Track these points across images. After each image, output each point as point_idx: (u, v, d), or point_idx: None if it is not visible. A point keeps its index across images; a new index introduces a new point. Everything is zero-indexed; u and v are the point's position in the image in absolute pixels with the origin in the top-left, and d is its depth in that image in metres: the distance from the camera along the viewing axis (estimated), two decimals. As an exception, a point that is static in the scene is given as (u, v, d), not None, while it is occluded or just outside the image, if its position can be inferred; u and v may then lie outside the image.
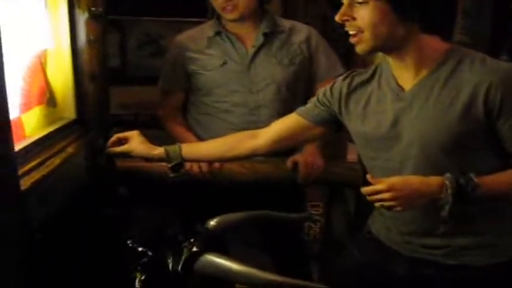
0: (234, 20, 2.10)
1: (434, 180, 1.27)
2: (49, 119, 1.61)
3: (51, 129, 1.55)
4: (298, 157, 2.08)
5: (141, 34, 3.49)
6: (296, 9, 3.52)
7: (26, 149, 1.35)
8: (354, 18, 1.31)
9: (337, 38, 2.82)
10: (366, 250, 1.60)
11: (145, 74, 3.31)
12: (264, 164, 2.05)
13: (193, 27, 2.29)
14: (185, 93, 2.24)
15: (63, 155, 1.46)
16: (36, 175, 1.29)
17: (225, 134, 2.02)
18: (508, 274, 1.41)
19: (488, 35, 3.47)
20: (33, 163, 1.32)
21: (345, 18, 1.33)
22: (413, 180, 1.28)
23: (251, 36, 2.14)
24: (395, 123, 1.40)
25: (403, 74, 1.39)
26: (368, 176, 1.33)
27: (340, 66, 2.25)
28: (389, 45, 1.34)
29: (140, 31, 3.48)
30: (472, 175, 1.26)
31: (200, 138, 2.11)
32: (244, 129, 2.04)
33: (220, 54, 2.13)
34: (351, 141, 2.79)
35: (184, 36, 2.22)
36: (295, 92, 2.19)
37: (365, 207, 2.03)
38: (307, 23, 2.38)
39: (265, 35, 2.13)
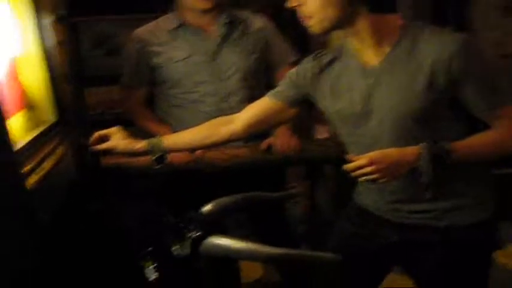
0: (205, 10, 2.12)
1: (410, 150, 1.35)
2: (31, 123, 1.59)
3: (36, 133, 1.54)
4: (272, 139, 2.14)
5: (94, 34, 3.44)
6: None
7: (18, 154, 1.34)
8: (303, 4, 1.37)
9: (291, 24, 2.88)
10: (356, 221, 1.66)
11: (103, 73, 3.28)
12: (243, 149, 2.09)
13: (143, 23, 2.28)
14: (149, 87, 2.26)
15: (54, 156, 1.46)
16: (31, 179, 1.29)
17: (199, 123, 2.05)
18: (489, 230, 1.52)
19: (430, 7, 3.62)
20: (27, 167, 1.31)
21: (295, 3, 1.38)
22: (392, 152, 1.35)
23: (213, 27, 2.18)
24: (366, 99, 1.45)
25: (366, 51, 1.44)
26: (348, 155, 1.40)
27: (293, 53, 2.33)
28: (341, 26, 1.40)
29: (93, 31, 3.43)
30: (444, 142, 1.34)
31: (175, 131, 2.13)
32: (216, 117, 2.08)
33: (184, 46, 2.16)
34: (318, 122, 2.88)
35: (144, 31, 2.22)
36: (259, 78, 2.26)
37: (346, 181, 2.11)
38: (258, 11, 2.44)
39: (225, 25, 2.17)
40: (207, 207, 1.50)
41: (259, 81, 2.25)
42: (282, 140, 2.12)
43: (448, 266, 1.50)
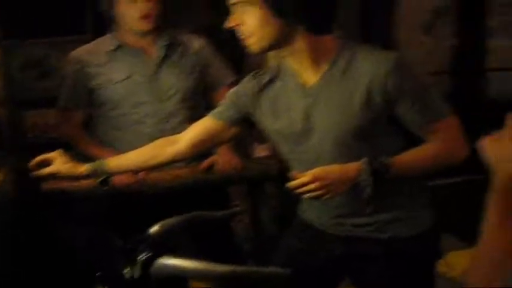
0: (145, 32, 2.13)
1: (352, 166, 1.40)
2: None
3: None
4: (213, 158, 2.17)
5: (23, 57, 3.35)
6: (175, 19, 3.56)
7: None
8: (241, 24, 1.40)
9: (227, 44, 2.93)
10: (301, 237, 1.69)
11: (33, 97, 3.19)
12: (185, 169, 2.10)
13: (75, 45, 2.27)
14: (86, 110, 2.23)
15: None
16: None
17: (141, 144, 2.05)
18: (430, 241, 1.59)
19: (356, 27, 3.77)
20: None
21: (233, 24, 1.42)
22: (334, 169, 1.40)
23: (152, 49, 2.19)
24: (306, 118, 1.48)
25: (304, 71, 1.48)
26: (292, 172, 1.43)
27: (232, 74, 2.37)
28: (278, 45, 1.43)
29: (22, 53, 3.34)
30: (383, 158, 1.40)
31: (117, 153, 2.11)
32: (158, 138, 2.09)
33: (123, 68, 2.15)
34: (257, 140, 2.92)
35: (82, 52, 2.20)
36: (198, 99, 2.28)
37: (288, 198, 2.16)
38: (195, 32, 2.48)
39: (165, 47, 2.19)
40: (154, 229, 1.50)
41: (198, 102, 2.27)
42: (223, 159, 2.15)
43: (391, 278, 1.55)
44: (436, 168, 1.49)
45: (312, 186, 1.36)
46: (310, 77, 1.48)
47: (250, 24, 1.39)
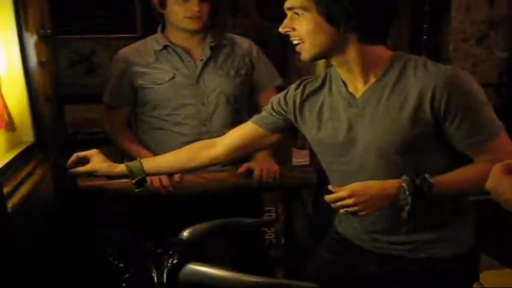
0: (193, 31, 2.13)
1: (392, 183, 1.35)
2: (9, 144, 1.57)
3: (14, 154, 1.51)
4: (251, 164, 2.14)
5: (71, 53, 3.43)
6: (224, 22, 3.59)
7: (-2, 176, 1.32)
8: (294, 29, 1.38)
9: (272, 48, 2.93)
10: (334, 250, 1.66)
11: (78, 92, 3.27)
12: (222, 173, 2.09)
13: (124, 42, 2.30)
14: (131, 108, 2.25)
15: (33, 179, 1.44)
16: (10, 202, 1.26)
17: (178, 146, 2.05)
18: (469, 262, 1.53)
19: (407, 37, 3.71)
20: (6, 189, 1.29)
21: (286, 29, 1.40)
22: (373, 185, 1.35)
23: (197, 49, 2.18)
24: (350, 129, 1.45)
25: (352, 81, 1.45)
26: (330, 186, 1.40)
27: (279, 77, 2.35)
28: (330, 53, 1.40)
29: (70, 50, 3.42)
30: (426, 175, 1.34)
31: (154, 153, 2.13)
32: (196, 140, 2.09)
33: (168, 68, 2.15)
34: (296, 147, 2.90)
35: (130, 51, 2.21)
36: (243, 102, 2.26)
37: (323, 208, 2.13)
38: (240, 34, 2.47)
39: (211, 48, 2.18)
40: (186, 233, 1.49)
41: (242, 105, 2.26)
42: (261, 166, 2.13)
43: None
44: (482, 190, 1.42)
45: (350, 201, 1.32)
46: (359, 87, 1.44)
47: (303, 30, 1.37)
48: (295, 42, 1.41)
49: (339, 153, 1.49)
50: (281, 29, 1.41)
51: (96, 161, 1.69)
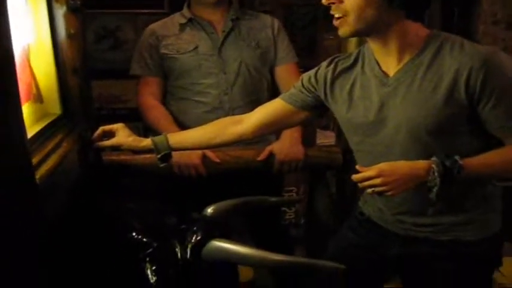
0: (212, 4, 2.19)
1: (421, 164, 1.32)
2: (37, 115, 1.57)
3: (41, 125, 1.52)
4: (275, 148, 2.13)
5: (97, 27, 3.42)
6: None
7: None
8: (341, 1, 1.32)
9: (301, 27, 2.90)
10: (359, 231, 1.65)
11: (104, 67, 3.27)
12: (248, 151, 2.08)
13: (150, 18, 2.38)
14: (164, 80, 2.26)
15: (60, 151, 1.44)
16: (39, 172, 1.27)
17: (200, 115, 2.08)
18: (494, 246, 1.51)
19: (438, 19, 3.64)
20: (34, 161, 1.29)
21: (333, 0, 1.34)
22: (401, 165, 1.33)
23: (220, 22, 2.24)
24: (381, 108, 1.42)
25: (386, 59, 1.42)
26: (357, 166, 1.38)
27: (295, 55, 2.35)
28: (373, 29, 1.36)
29: (97, 24, 3.41)
30: (457, 157, 1.30)
31: (177, 122, 2.15)
32: (217, 109, 2.13)
33: (192, 39, 2.21)
34: (320, 127, 2.88)
35: (157, 24, 2.29)
36: (263, 73, 2.29)
37: (347, 189, 2.11)
38: (268, 11, 2.48)
39: (232, 20, 2.23)
40: (210, 210, 1.49)
41: (262, 76, 2.28)
42: (285, 147, 2.11)
43: (449, 281, 1.49)
44: (511, 174, 1.39)
45: (377, 181, 1.30)
46: (393, 65, 1.41)
47: (352, 1, 1.31)
48: (337, 15, 1.35)
49: (368, 132, 1.47)
50: (324, 1, 1.35)
51: (122, 135, 1.70)
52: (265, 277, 2.64)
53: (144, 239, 1.40)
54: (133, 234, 1.41)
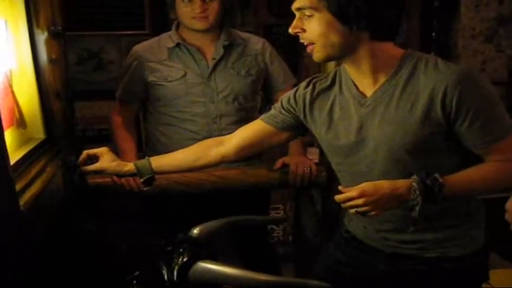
0: (202, 31, 2.13)
1: (402, 183, 1.31)
2: (20, 141, 1.57)
3: (25, 151, 1.51)
4: (287, 158, 2.13)
5: (80, 49, 3.44)
6: (234, 19, 3.58)
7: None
8: (305, 30, 1.36)
9: (281, 46, 2.93)
10: (345, 249, 1.65)
11: (88, 89, 3.28)
12: (234, 170, 2.08)
13: (133, 39, 2.32)
14: (141, 103, 2.25)
15: (44, 176, 1.43)
16: (23, 199, 1.26)
17: (187, 143, 2.05)
18: (480, 261, 1.52)
19: (417, 34, 3.69)
20: (18, 186, 1.29)
21: (297, 30, 1.37)
22: (383, 185, 1.32)
23: (210, 48, 2.18)
24: (360, 129, 1.43)
25: (362, 80, 1.43)
26: (340, 186, 1.37)
27: (293, 77, 2.35)
28: (342, 53, 1.37)
29: (79, 46, 3.43)
30: (437, 175, 1.31)
31: (164, 147, 2.14)
32: (205, 137, 2.08)
33: (180, 66, 2.16)
34: (308, 145, 2.89)
35: (143, 47, 2.23)
36: (253, 101, 2.27)
37: (333, 206, 2.12)
38: (248, 32, 2.47)
39: (224, 47, 2.17)
40: (196, 230, 1.49)
41: (253, 104, 2.26)
42: (296, 160, 2.11)
43: None
44: (492, 189, 1.41)
45: (360, 201, 1.30)
46: (369, 86, 1.43)
47: (314, 31, 1.34)
48: (305, 43, 1.38)
49: (349, 153, 1.48)
50: (291, 31, 1.38)
51: (105, 159, 1.69)
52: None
53: (130, 262, 1.39)
54: (119, 257, 1.41)
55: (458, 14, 3.67)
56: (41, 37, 1.70)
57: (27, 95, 1.67)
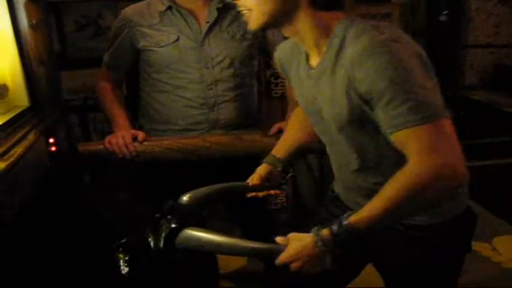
0: None
1: (307, 240, 1.20)
2: (2, 108, 1.54)
3: (6, 118, 1.48)
4: (283, 124, 2.06)
5: (78, 16, 3.38)
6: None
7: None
8: None
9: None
10: (329, 207, 1.62)
11: (88, 56, 3.24)
12: (226, 136, 2.03)
13: (129, 4, 2.16)
14: (129, 68, 2.18)
15: (25, 143, 1.40)
16: (1, 165, 1.23)
17: (182, 109, 2.00)
18: (447, 232, 1.43)
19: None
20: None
21: None
22: (297, 247, 1.21)
23: (203, 11, 2.08)
24: (313, 99, 1.38)
25: (309, 51, 1.36)
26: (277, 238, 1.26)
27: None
28: (280, 21, 1.30)
29: (77, 13, 3.37)
30: (341, 218, 1.19)
31: (159, 115, 2.09)
32: (201, 104, 2.03)
33: (172, 30, 2.06)
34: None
35: (133, 11, 2.11)
36: (250, 66, 2.18)
37: (330, 172, 2.07)
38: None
39: (218, 10, 2.07)
40: (185, 198, 1.45)
41: (249, 69, 2.17)
42: None
43: (411, 266, 1.45)
44: (426, 202, 1.19)
45: (298, 265, 1.21)
46: (314, 58, 1.35)
47: None
48: (242, 12, 1.31)
49: (315, 121, 1.43)
50: None
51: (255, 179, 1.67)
52: (257, 263, 2.61)
53: (117, 229, 1.37)
54: (106, 225, 1.38)
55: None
56: (20, 1, 1.63)
57: (8, 61, 1.63)
